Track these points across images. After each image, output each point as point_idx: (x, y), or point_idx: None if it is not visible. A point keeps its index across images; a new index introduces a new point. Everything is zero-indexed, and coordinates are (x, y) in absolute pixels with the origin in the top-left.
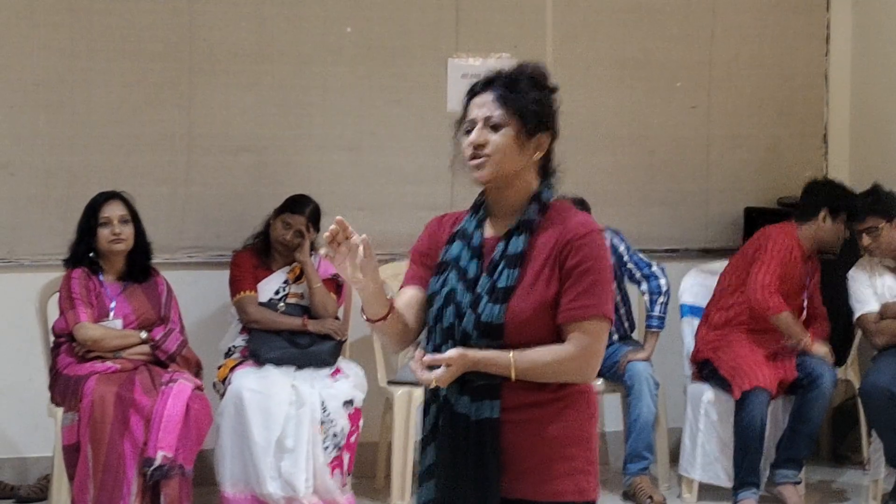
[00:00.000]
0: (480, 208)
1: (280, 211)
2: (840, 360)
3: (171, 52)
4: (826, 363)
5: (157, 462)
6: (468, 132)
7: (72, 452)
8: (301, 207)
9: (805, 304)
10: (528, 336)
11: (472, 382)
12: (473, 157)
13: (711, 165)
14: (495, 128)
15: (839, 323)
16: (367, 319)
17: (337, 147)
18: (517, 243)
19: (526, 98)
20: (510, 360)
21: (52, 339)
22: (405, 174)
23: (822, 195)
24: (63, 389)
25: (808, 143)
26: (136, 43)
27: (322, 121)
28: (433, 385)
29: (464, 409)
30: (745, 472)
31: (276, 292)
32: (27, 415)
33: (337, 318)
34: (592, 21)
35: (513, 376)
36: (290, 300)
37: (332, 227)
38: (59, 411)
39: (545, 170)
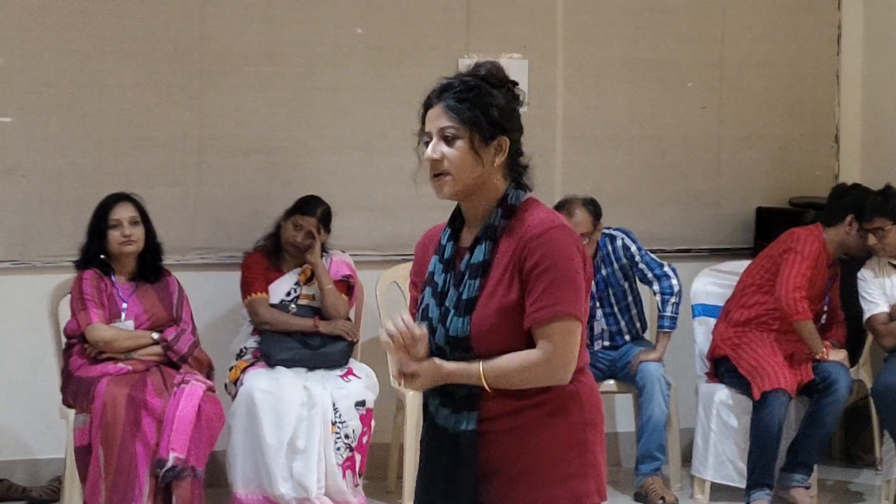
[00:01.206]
0: (456, 219)
1: (291, 213)
2: (852, 360)
3: (182, 53)
4: (843, 368)
5: (169, 463)
6: (426, 144)
7: (84, 454)
8: (312, 209)
9: (826, 307)
10: (496, 344)
11: (453, 395)
12: (434, 174)
13: (722, 165)
14: (449, 140)
15: (851, 323)
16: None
17: (348, 148)
18: (479, 252)
19: (477, 105)
20: (479, 371)
21: (63, 340)
22: (414, 175)
23: (850, 200)
24: (75, 391)
25: (819, 143)
26: (146, 45)
27: (333, 122)
28: (402, 387)
29: (443, 421)
30: (759, 472)
31: (288, 294)
32: (39, 416)
33: (348, 319)
34: (603, 21)
35: (485, 386)
36: (302, 302)
37: (398, 327)
38: (71, 413)
39: (514, 170)
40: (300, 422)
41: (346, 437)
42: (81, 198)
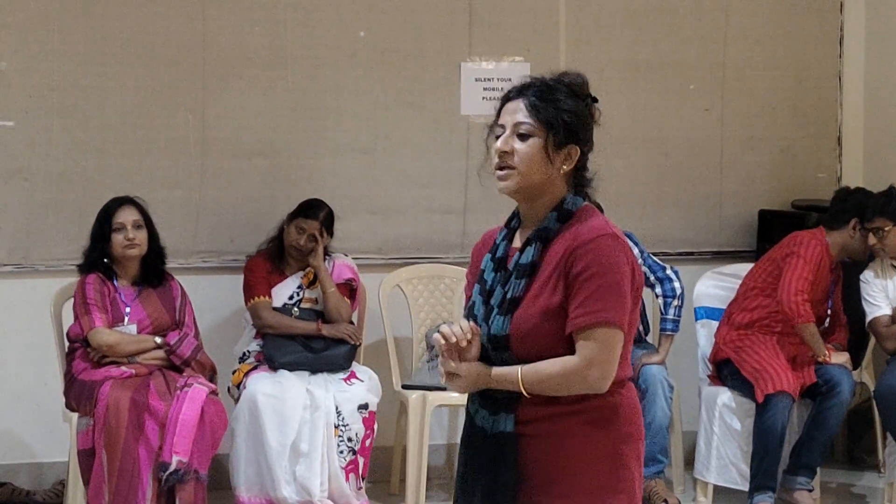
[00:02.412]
0: (514, 219)
1: (293, 216)
2: (855, 363)
3: (185, 56)
4: (845, 370)
5: (172, 467)
6: (498, 137)
7: (87, 457)
8: (315, 212)
9: (829, 311)
10: (535, 346)
11: (493, 396)
12: (500, 165)
13: (725, 168)
14: (523, 136)
15: (854, 325)
16: None
17: (351, 151)
18: (529, 253)
19: (557, 108)
20: (518, 375)
21: (67, 344)
22: (419, 178)
23: (853, 204)
24: (78, 394)
25: (822, 145)
26: (150, 48)
27: (336, 125)
28: (446, 386)
29: (481, 422)
30: (762, 475)
31: (290, 297)
32: (42, 420)
33: (351, 322)
34: (605, 24)
35: (523, 390)
36: (305, 305)
37: (455, 333)
38: (75, 416)
39: (577, 181)
40: (303, 425)
41: (349, 440)
42: (84, 201)
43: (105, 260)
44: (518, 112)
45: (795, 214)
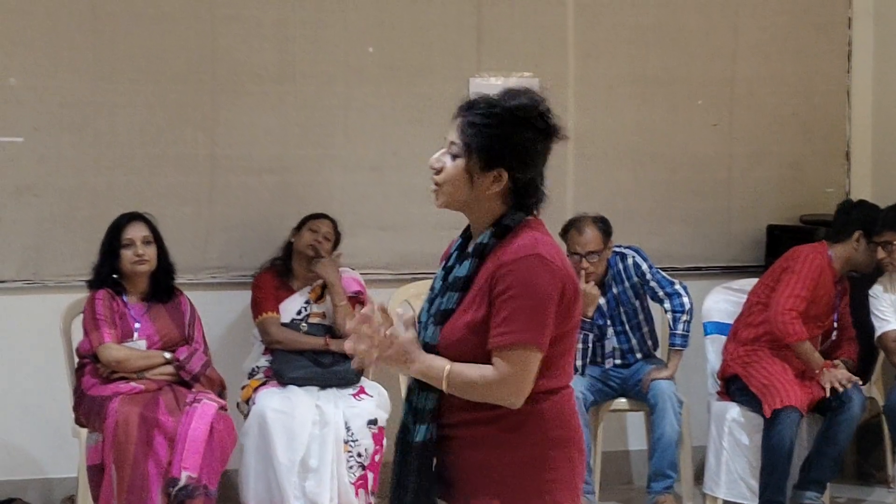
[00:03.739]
0: (467, 230)
1: (303, 223)
2: (864, 377)
3: (194, 73)
4: (856, 385)
5: (182, 482)
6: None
7: (96, 473)
8: (323, 216)
9: (836, 324)
10: (460, 357)
11: (414, 404)
12: (432, 180)
13: (733, 183)
14: (453, 156)
15: (863, 340)
16: None
17: (360, 167)
18: (464, 267)
19: (485, 134)
20: (443, 371)
21: (76, 359)
22: (427, 193)
23: (856, 217)
24: (87, 410)
25: (830, 161)
26: (159, 64)
27: (345, 141)
28: (355, 358)
29: (408, 428)
30: (770, 490)
31: (298, 312)
32: (52, 435)
33: None
34: (614, 39)
35: (444, 387)
36: (313, 320)
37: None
38: (84, 432)
39: (518, 200)
40: (312, 440)
41: (359, 455)
42: (94, 217)
43: (114, 276)
44: (454, 131)
45: (804, 229)
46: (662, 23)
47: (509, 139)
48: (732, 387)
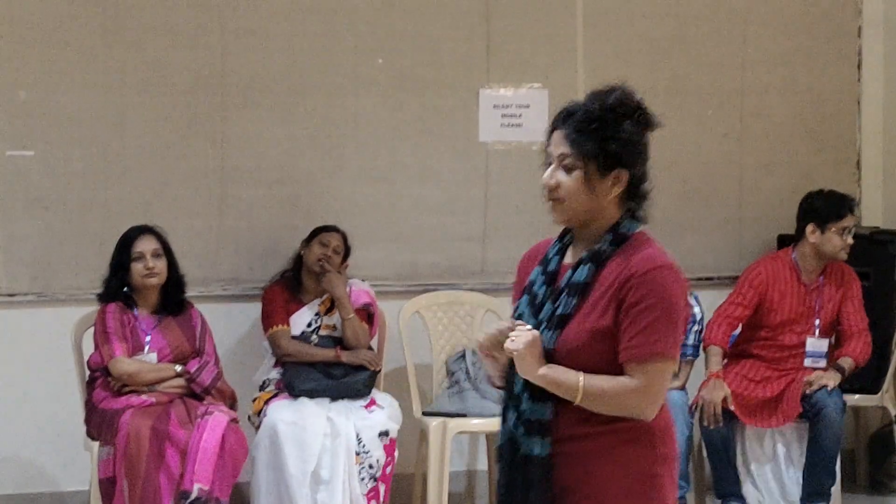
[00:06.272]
0: (567, 234)
1: (313, 235)
2: (875, 387)
3: (204, 85)
4: (830, 392)
5: (194, 495)
6: (549, 165)
7: (108, 486)
8: (333, 228)
9: (822, 324)
10: (578, 364)
11: (525, 415)
12: (548, 198)
13: (744, 193)
14: (567, 169)
15: (873, 349)
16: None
17: (369, 178)
18: (582, 273)
19: (599, 138)
20: (579, 383)
21: (87, 373)
22: (438, 205)
23: (805, 212)
24: (99, 423)
25: (840, 169)
26: (168, 77)
27: (354, 152)
28: (510, 352)
29: (519, 437)
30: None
31: (309, 325)
32: (63, 449)
33: (370, 348)
34: (623, 50)
35: (578, 399)
36: (323, 332)
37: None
38: (95, 445)
39: (632, 200)
40: (324, 452)
41: (370, 466)
42: (104, 230)
43: (125, 289)
44: (561, 144)
45: None
46: (672, 33)
47: (620, 136)
48: None
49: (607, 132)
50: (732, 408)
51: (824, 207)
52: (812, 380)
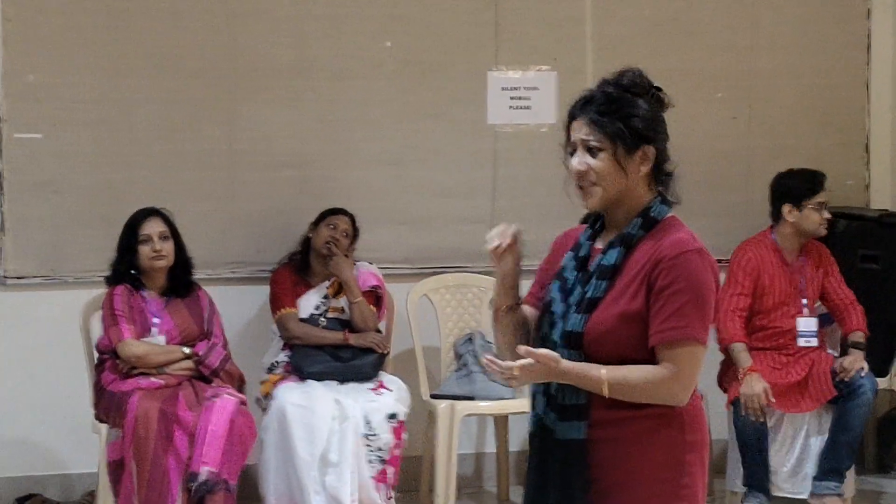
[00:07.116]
0: (598, 220)
1: (321, 218)
2: (883, 369)
3: (212, 69)
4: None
5: (202, 477)
6: (572, 154)
7: (116, 468)
8: (342, 211)
9: (809, 303)
10: (607, 348)
11: (557, 400)
12: (580, 185)
13: (753, 176)
14: (593, 152)
15: (882, 332)
16: (494, 310)
17: (378, 161)
18: (612, 256)
19: (620, 117)
20: (602, 377)
21: (95, 355)
22: (447, 188)
23: (779, 193)
24: (107, 406)
25: (850, 153)
26: (177, 60)
27: (363, 135)
28: (511, 375)
29: (551, 423)
30: (750, 475)
31: (317, 307)
32: (72, 431)
33: (378, 330)
34: (632, 32)
35: (605, 392)
36: (331, 315)
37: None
38: (104, 427)
39: (658, 178)
40: (332, 435)
41: (379, 449)
42: (113, 213)
43: (132, 271)
44: (583, 129)
45: None
46: (681, 15)
47: (639, 113)
48: None
49: (629, 110)
50: (773, 400)
51: (797, 186)
52: (846, 366)
